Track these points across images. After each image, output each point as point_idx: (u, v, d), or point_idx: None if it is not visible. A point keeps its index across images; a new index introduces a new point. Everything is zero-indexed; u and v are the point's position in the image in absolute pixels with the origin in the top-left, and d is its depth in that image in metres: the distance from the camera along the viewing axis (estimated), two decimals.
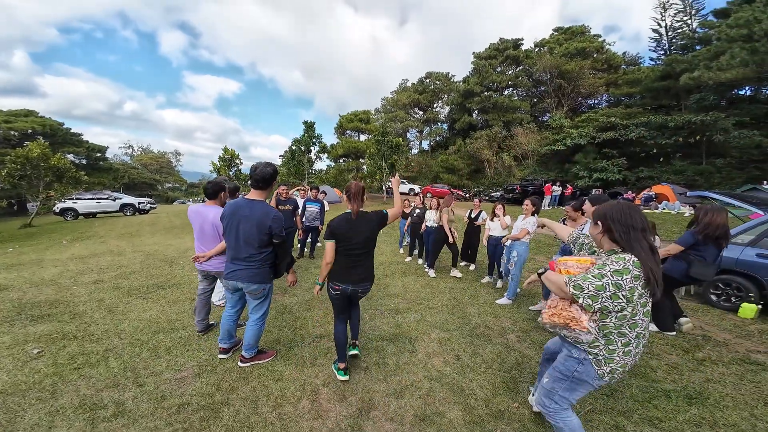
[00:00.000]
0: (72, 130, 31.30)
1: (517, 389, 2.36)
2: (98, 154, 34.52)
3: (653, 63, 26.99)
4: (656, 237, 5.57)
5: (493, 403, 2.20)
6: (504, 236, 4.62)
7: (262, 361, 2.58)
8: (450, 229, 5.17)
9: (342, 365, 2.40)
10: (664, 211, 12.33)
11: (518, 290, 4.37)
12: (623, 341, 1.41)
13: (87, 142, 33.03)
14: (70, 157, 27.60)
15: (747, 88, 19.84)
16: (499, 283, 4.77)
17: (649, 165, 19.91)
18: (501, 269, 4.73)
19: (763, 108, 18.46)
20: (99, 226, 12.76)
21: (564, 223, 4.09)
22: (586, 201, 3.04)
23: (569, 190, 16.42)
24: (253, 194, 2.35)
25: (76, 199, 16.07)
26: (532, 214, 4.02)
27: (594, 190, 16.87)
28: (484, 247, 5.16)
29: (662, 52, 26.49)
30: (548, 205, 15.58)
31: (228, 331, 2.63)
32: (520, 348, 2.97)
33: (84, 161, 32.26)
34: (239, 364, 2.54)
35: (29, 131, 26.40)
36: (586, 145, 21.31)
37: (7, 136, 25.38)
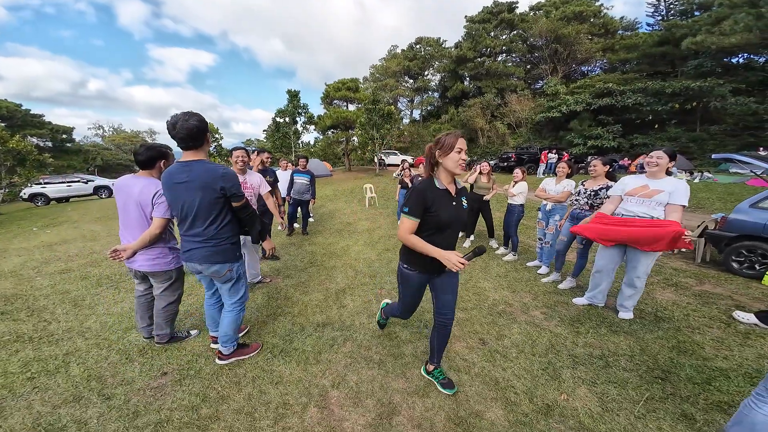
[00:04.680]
0: (32, 112, 28.78)
1: (559, 377, 2.04)
2: (64, 136, 32.18)
3: (651, 28, 26.13)
4: None
5: (537, 395, 1.88)
6: (517, 203, 4.27)
7: (244, 357, 2.19)
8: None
9: (432, 367, 2.05)
10: None
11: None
12: None
13: (50, 123, 30.58)
14: (33, 140, 25.50)
15: (743, 55, 19.35)
16: (510, 256, 4.44)
17: (644, 132, 19.67)
18: (513, 239, 4.40)
19: (758, 75, 18.13)
20: (72, 210, 11.85)
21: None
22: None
23: (565, 158, 16.10)
24: (187, 155, 1.81)
25: (45, 183, 14.91)
26: (568, 177, 3.71)
27: (589, 158, 16.57)
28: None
29: (660, 17, 25.58)
30: (543, 173, 15.40)
31: (213, 318, 2.24)
32: (549, 326, 2.66)
33: (49, 144, 30.02)
34: (217, 361, 2.15)
35: None
36: (582, 112, 20.80)
37: None
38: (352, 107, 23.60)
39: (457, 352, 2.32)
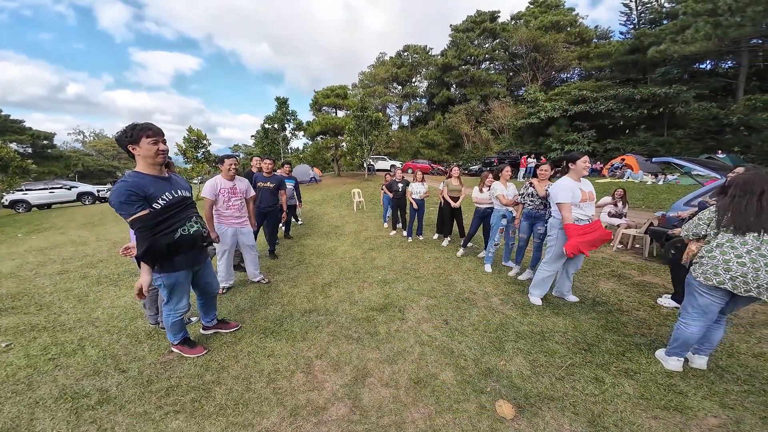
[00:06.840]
0: (12, 117, 28.31)
1: (502, 348, 2.48)
2: (45, 142, 31.80)
3: (623, 37, 27.58)
4: (626, 204, 5.95)
5: (482, 362, 2.31)
6: (489, 207, 4.70)
7: (224, 331, 2.69)
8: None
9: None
10: (629, 180, 13.09)
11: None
12: None
13: (30, 129, 30.19)
14: (13, 146, 25.00)
15: (708, 62, 20.74)
16: (482, 253, 4.91)
17: (616, 137, 20.78)
18: (495, 239, 4.32)
19: (721, 81, 19.49)
20: (56, 217, 11.80)
21: (480, 191, 4.82)
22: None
23: (543, 162, 17.00)
24: None
25: (26, 190, 14.75)
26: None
27: (565, 162, 17.50)
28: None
29: (631, 26, 27.04)
30: (523, 177, 16.21)
31: (201, 312, 2.65)
32: (503, 310, 3.11)
33: (29, 150, 29.52)
34: (201, 331, 2.68)
35: None
36: (559, 118, 21.80)
37: None
38: (341, 113, 24.06)
39: (424, 330, 2.74)
